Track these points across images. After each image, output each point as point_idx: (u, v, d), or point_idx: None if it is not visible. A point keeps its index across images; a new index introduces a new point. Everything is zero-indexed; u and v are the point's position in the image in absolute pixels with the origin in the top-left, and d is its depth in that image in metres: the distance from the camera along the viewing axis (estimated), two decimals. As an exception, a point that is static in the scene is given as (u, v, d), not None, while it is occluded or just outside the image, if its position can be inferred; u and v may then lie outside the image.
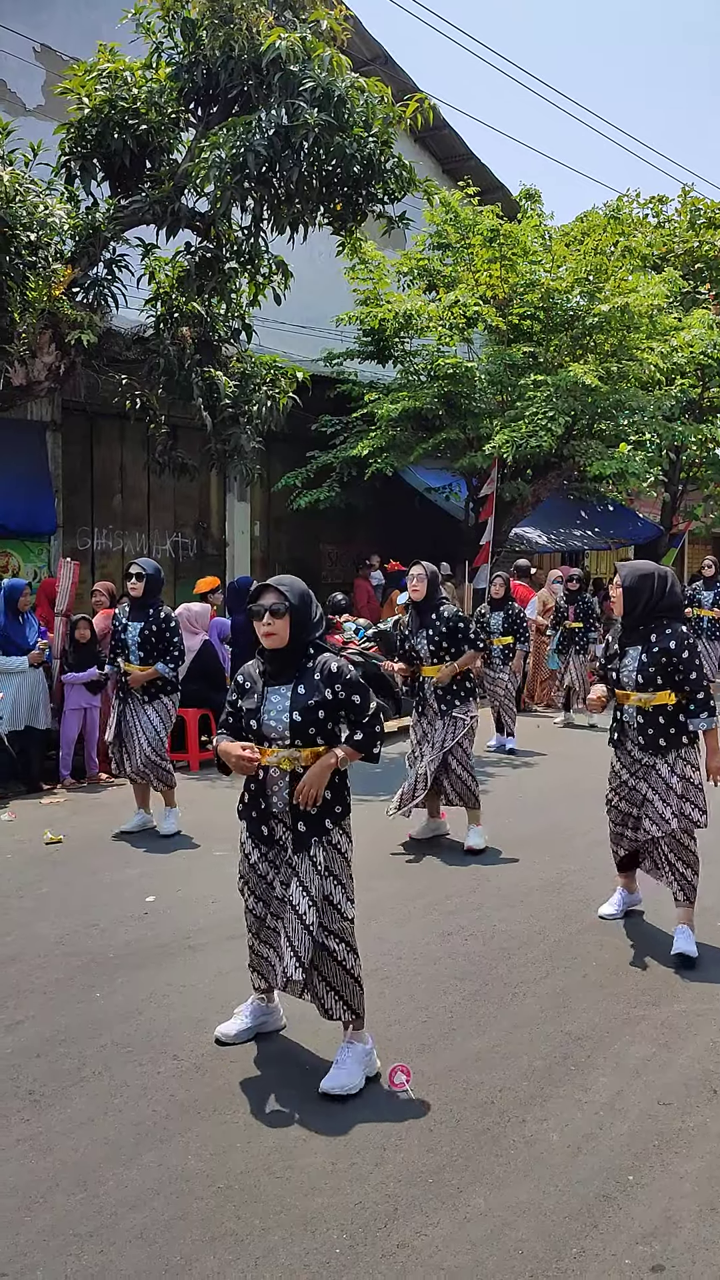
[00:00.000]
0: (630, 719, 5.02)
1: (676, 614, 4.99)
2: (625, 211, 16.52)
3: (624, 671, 5.00)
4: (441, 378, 13.30)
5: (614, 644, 5.12)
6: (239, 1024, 4.07)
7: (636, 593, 4.91)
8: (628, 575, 4.96)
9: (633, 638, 4.98)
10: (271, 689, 3.79)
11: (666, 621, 4.91)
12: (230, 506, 14.58)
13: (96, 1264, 2.80)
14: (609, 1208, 3.05)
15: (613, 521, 19.23)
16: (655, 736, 4.94)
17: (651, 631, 4.92)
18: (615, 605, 5.01)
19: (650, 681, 4.88)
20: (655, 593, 4.90)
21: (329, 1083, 3.66)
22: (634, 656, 4.94)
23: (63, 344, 9.16)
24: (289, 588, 3.76)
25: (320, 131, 8.13)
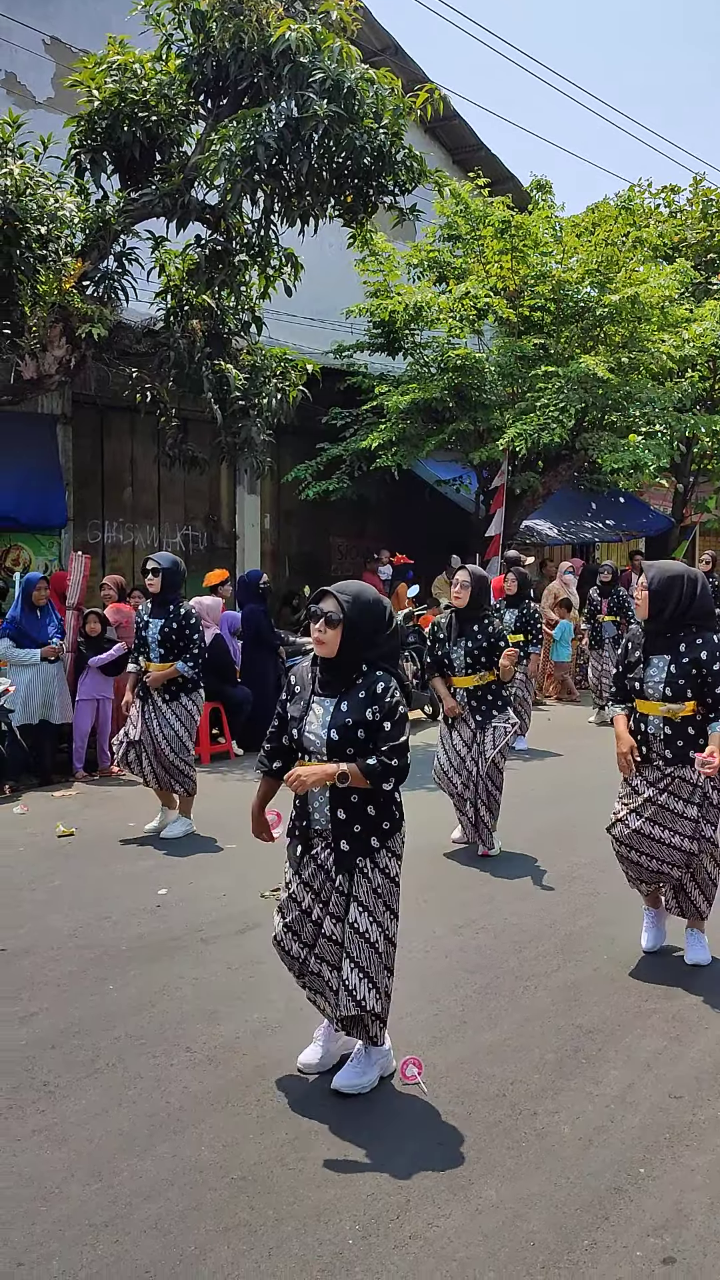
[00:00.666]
0: (656, 730, 4.63)
1: (708, 621, 4.63)
2: (637, 202, 16.45)
3: (649, 682, 4.64)
4: (452, 369, 13.28)
5: (635, 650, 4.74)
6: (315, 1052, 3.86)
7: (664, 597, 4.56)
8: (655, 577, 4.60)
9: (658, 645, 4.63)
10: (318, 699, 3.64)
11: (696, 629, 4.58)
12: (240, 499, 14.60)
13: (111, 1254, 2.82)
14: (620, 1200, 3.07)
15: (624, 513, 19.20)
16: (685, 748, 4.58)
17: (681, 640, 4.58)
18: (640, 608, 4.69)
19: (680, 694, 4.54)
20: (684, 597, 4.55)
21: (341, 1080, 3.66)
22: (660, 666, 4.60)
23: (73, 337, 9.18)
24: (351, 598, 3.56)
25: (330, 123, 8.12)
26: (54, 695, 8.71)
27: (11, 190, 7.91)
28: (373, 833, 3.61)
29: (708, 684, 4.49)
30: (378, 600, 3.66)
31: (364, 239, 10.88)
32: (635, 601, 4.75)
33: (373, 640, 3.60)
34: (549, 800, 8.05)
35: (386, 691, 3.55)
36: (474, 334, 13.95)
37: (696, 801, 4.57)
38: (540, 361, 13.41)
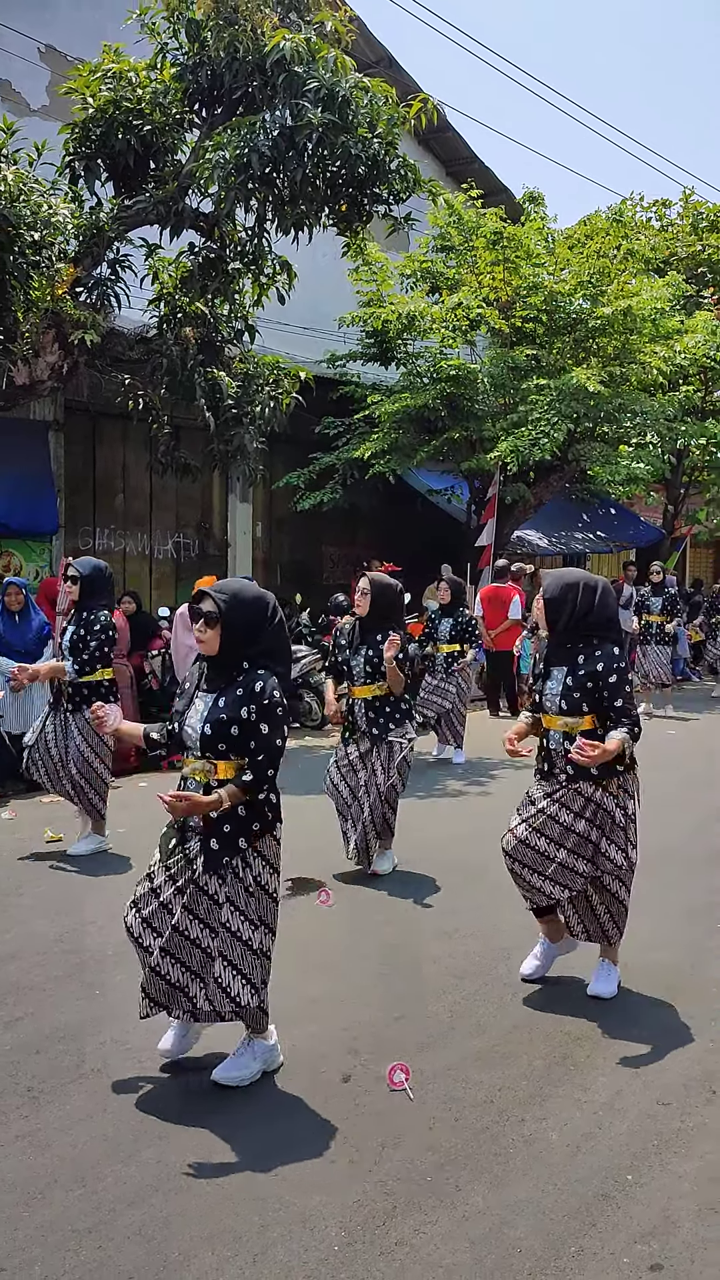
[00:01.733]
0: (557, 745, 4.41)
1: (610, 631, 4.42)
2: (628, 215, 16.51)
3: (547, 694, 4.45)
4: (444, 380, 13.31)
5: (540, 662, 4.57)
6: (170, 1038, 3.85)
7: (559, 606, 4.36)
8: (551, 585, 4.40)
9: (559, 656, 4.43)
10: (200, 695, 3.68)
11: (598, 640, 4.36)
12: (232, 507, 14.59)
13: (95, 1260, 2.79)
14: (608, 1207, 3.05)
15: (615, 525, 19.24)
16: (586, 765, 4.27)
17: (580, 652, 4.37)
18: (539, 618, 4.50)
19: (575, 707, 4.33)
20: (581, 606, 4.33)
21: (221, 1072, 3.67)
22: (558, 678, 4.39)
23: (66, 343, 9.18)
24: (229, 597, 3.60)
25: (324, 132, 8.14)
26: (35, 704, 8.63)
27: (5, 196, 7.91)
28: (242, 832, 3.60)
29: (604, 697, 4.28)
30: (258, 598, 3.67)
31: (358, 248, 10.92)
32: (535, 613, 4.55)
33: (253, 638, 3.62)
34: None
35: (264, 691, 3.54)
36: (466, 344, 14.00)
37: (587, 816, 4.34)
38: (532, 373, 13.46)
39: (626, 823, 4.38)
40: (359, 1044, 4.03)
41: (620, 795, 4.37)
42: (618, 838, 4.36)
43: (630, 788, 4.43)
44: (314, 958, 4.90)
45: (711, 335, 14.69)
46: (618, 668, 4.30)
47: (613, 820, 4.35)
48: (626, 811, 4.38)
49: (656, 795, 8.42)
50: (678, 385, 15.83)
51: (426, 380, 13.84)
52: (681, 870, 6.45)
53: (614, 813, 4.35)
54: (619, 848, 4.36)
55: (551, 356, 13.86)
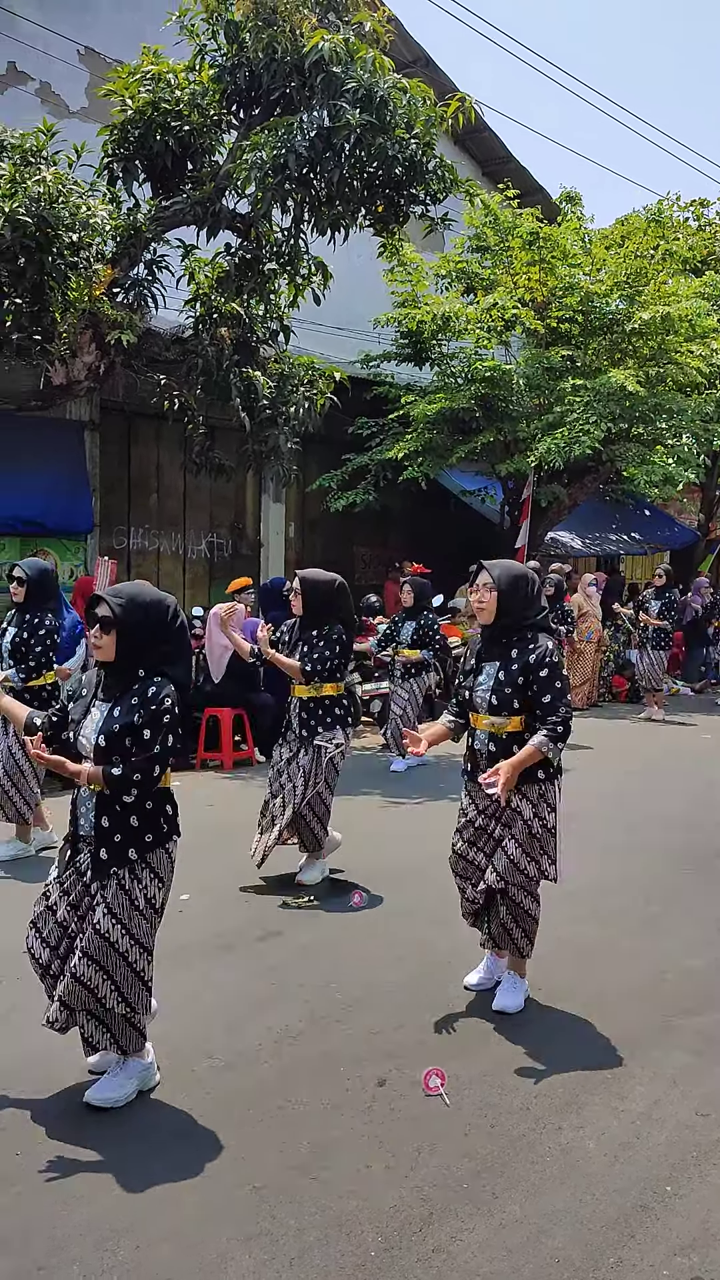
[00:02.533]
0: (482, 746, 4.25)
1: (544, 625, 4.29)
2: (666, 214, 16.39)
3: (477, 690, 4.26)
4: (479, 380, 13.27)
5: (470, 657, 4.38)
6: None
7: (511, 597, 4.18)
8: (503, 577, 4.20)
9: (493, 651, 4.25)
10: (97, 704, 3.52)
11: (531, 634, 4.19)
12: (265, 507, 14.62)
13: (132, 1260, 2.80)
14: (647, 1218, 3.02)
15: (649, 526, 19.12)
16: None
17: (515, 645, 4.19)
18: (484, 610, 4.22)
19: (505, 704, 4.15)
20: (527, 598, 4.22)
21: (94, 1093, 3.52)
22: (490, 674, 4.22)
23: (103, 344, 9.23)
24: (124, 601, 3.42)
25: (362, 132, 8.14)
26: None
27: (44, 198, 7.97)
28: (132, 844, 3.49)
29: (534, 691, 4.11)
30: (157, 602, 3.49)
31: (393, 249, 10.90)
32: (472, 603, 4.29)
33: (151, 644, 3.47)
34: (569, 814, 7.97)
35: (156, 698, 3.41)
36: (501, 345, 13.94)
37: (514, 829, 4.18)
38: (567, 373, 13.39)
39: (545, 835, 4.20)
40: (394, 1048, 4.02)
41: (540, 805, 4.19)
42: (532, 848, 4.19)
43: (551, 799, 4.24)
44: (347, 960, 4.90)
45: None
46: (550, 662, 4.12)
47: (529, 830, 4.18)
48: (545, 823, 4.20)
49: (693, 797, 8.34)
50: (715, 384, 15.69)
51: (461, 381, 13.80)
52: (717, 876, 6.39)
53: (531, 822, 4.17)
54: (531, 858, 4.19)
55: (587, 357, 13.79)
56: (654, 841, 7.11)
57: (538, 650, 4.12)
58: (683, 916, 5.62)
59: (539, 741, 4.03)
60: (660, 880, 6.20)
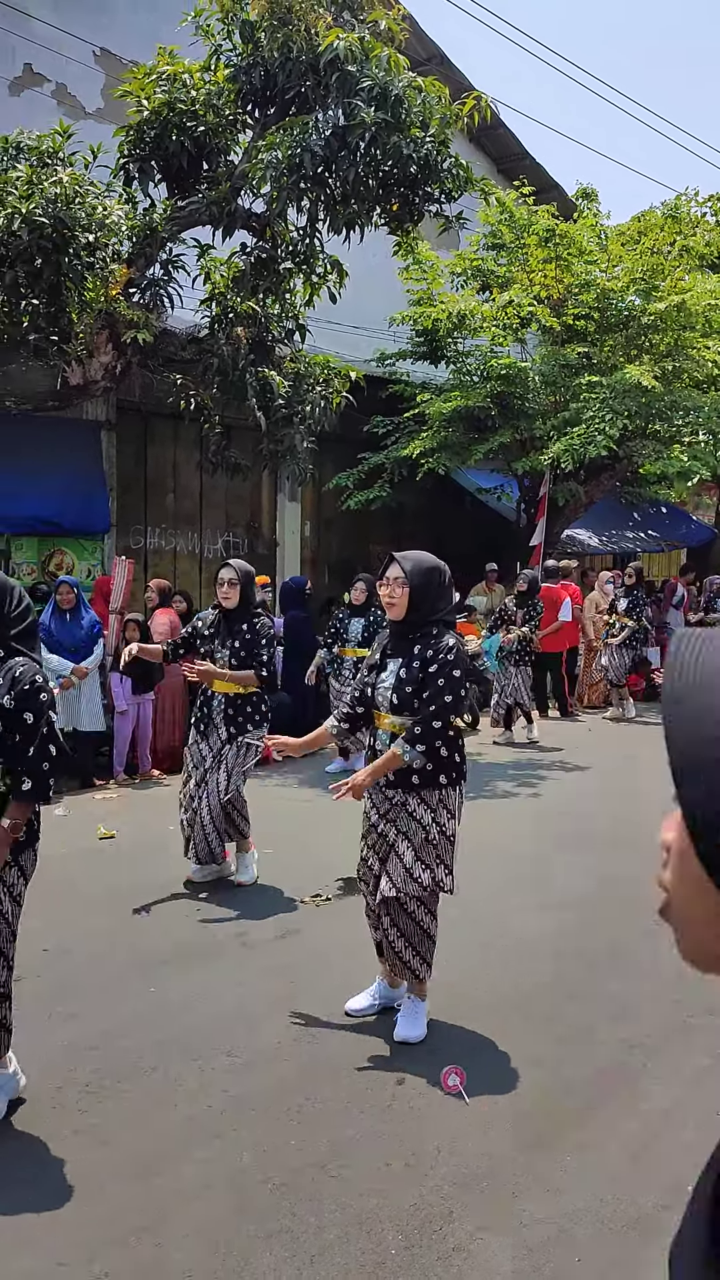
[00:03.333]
0: (383, 747, 4.01)
1: (451, 621, 4.11)
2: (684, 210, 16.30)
3: (379, 688, 4.07)
4: (495, 378, 13.24)
5: (375, 653, 4.17)
6: None
7: (423, 592, 3.99)
8: (414, 570, 3.97)
9: (399, 648, 4.04)
10: None
11: (437, 631, 3.99)
12: (281, 506, 14.63)
13: (153, 1257, 2.81)
14: (668, 1218, 3.01)
15: (666, 524, 19.03)
16: (409, 771, 3.93)
17: (418, 641, 3.99)
18: (395, 605, 3.99)
19: (406, 704, 3.94)
20: (438, 592, 4.03)
21: None
22: (392, 671, 4.02)
23: (119, 344, 9.26)
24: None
25: (377, 131, 8.13)
26: (83, 702, 8.73)
27: (61, 199, 8.00)
28: None
29: (420, 688, 3.89)
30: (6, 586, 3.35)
31: (409, 247, 10.88)
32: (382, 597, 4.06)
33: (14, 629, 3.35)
34: (584, 810, 7.97)
35: (24, 677, 3.26)
36: (517, 343, 13.91)
37: (411, 834, 3.95)
38: (584, 370, 13.34)
39: (443, 843, 3.98)
40: (412, 1047, 4.02)
41: (439, 811, 3.98)
42: (427, 855, 3.95)
43: (452, 805, 4.03)
44: (363, 958, 4.90)
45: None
46: (444, 660, 3.88)
47: (425, 835, 3.95)
48: (444, 830, 3.99)
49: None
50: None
51: (476, 379, 13.77)
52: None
53: (429, 828, 3.95)
54: (426, 866, 3.94)
55: (603, 354, 13.73)
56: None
57: (438, 646, 3.92)
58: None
59: (400, 751, 3.84)
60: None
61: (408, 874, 3.92)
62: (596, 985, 4.64)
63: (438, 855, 3.96)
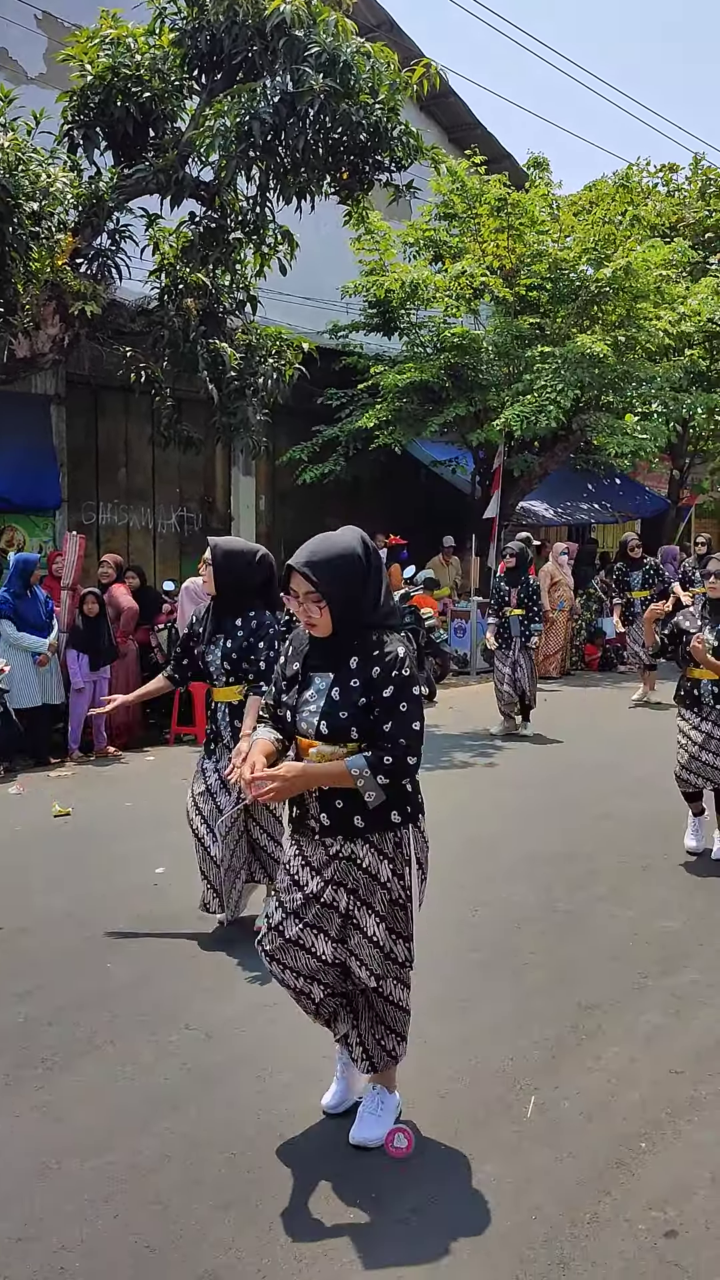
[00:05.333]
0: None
1: (393, 619, 3.14)
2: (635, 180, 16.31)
3: (303, 710, 3.09)
4: (448, 349, 13.21)
5: (292, 661, 3.17)
6: None
7: (348, 594, 3.01)
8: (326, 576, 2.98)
9: (329, 659, 3.06)
10: None
11: (378, 636, 3.03)
12: (235, 480, 14.53)
13: (111, 1229, 2.81)
14: (622, 1174, 3.06)
15: (620, 495, 19.17)
16: (350, 811, 3.01)
17: (354, 654, 3.02)
18: (318, 627, 3.04)
19: (340, 732, 2.99)
20: (363, 585, 3.04)
21: None
22: (320, 688, 3.06)
23: (67, 315, 9.10)
24: None
25: (326, 98, 8.04)
26: (49, 675, 8.70)
27: (4, 165, 7.82)
28: None
29: (375, 716, 2.96)
30: None
31: (360, 217, 10.79)
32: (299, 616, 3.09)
33: None
34: (545, 781, 8.04)
35: None
36: (470, 313, 13.88)
37: (374, 900, 3.05)
38: (536, 341, 13.35)
39: (405, 900, 3.11)
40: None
41: (397, 860, 3.08)
42: (397, 922, 3.12)
43: (408, 850, 3.10)
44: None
45: (716, 297, 14.52)
46: (400, 678, 2.96)
47: (390, 898, 3.08)
48: (404, 884, 3.10)
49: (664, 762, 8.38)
50: (683, 351, 15.70)
51: (430, 350, 13.73)
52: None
53: (390, 884, 3.07)
54: (398, 935, 3.13)
55: (556, 324, 13.75)
56: (625, 808, 7.16)
57: (383, 660, 2.97)
58: (661, 877, 5.67)
59: (356, 763, 2.92)
60: (632, 845, 6.25)
61: (384, 955, 3.09)
62: (552, 951, 4.69)
63: (405, 917, 3.14)
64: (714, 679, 5.75)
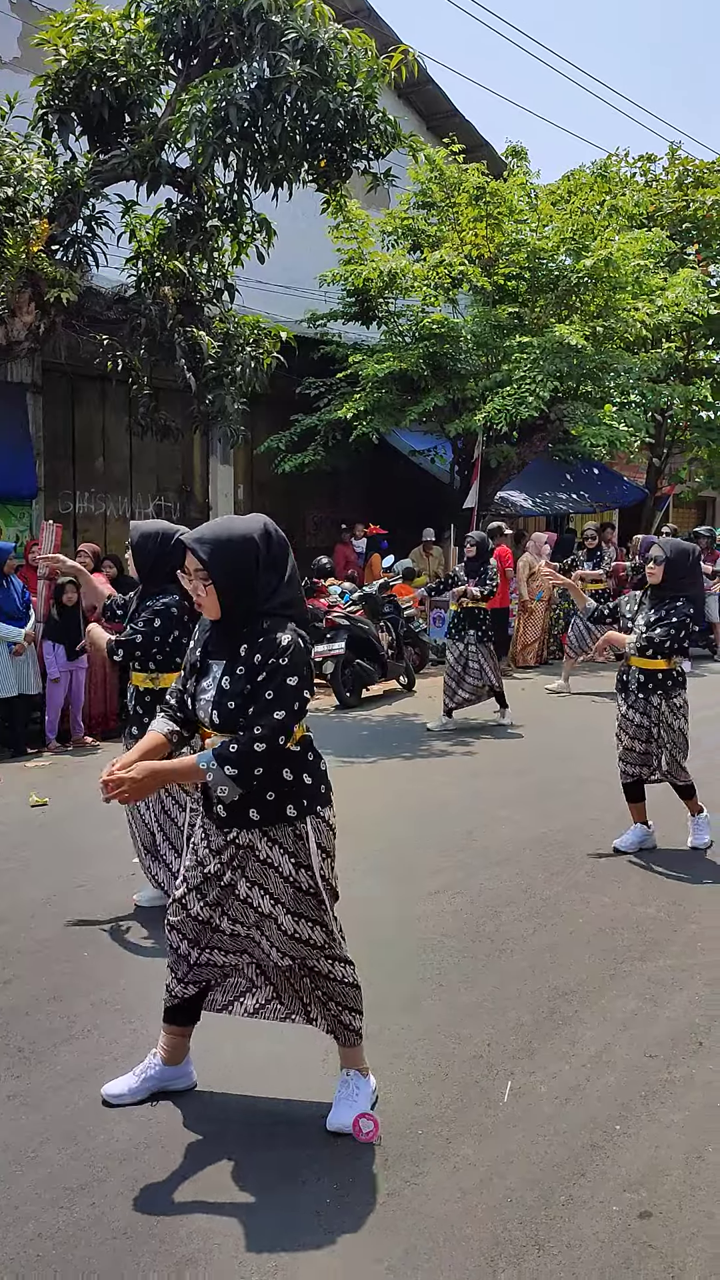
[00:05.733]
0: None
1: (296, 608, 3.04)
2: (613, 170, 16.33)
3: (200, 698, 3.07)
4: (427, 338, 13.19)
5: (195, 650, 3.14)
6: None
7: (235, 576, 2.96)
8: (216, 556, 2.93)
9: (223, 646, 3.03)
10: None
11: (270, 625, 2.94)
12: (213, 470, 14.48)
13: (88, 1216, 2.81)
14: (597, 1156, 3.08)
15: (598, 485, 19.22)
16: (244, 805, 3.00)
17: (244, 640, 2.97)
18: (206, 606, 2.99)
19: (230, 721, 2.94)
20: (254, 572, 2.97)
21: None
22: (214, 676, 3.03)
23: (42, 303, 9.01)
24: None
25: (303, 84, 7.98)
26: (26, 665, 8.67)
27: (-23, 150, 7.75)
28: None
29: (247, 702, 2.91)
30: None
31: (338, 205, 10.74)
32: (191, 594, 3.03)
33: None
34: (521, 768, 8.07)
35: None
36: (448, 302, 13.86)
37: (277, 892, 3.06)
38: (515, 331, 13.35)
39: (316, 887, 3.07)
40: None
41: (300, 852, 3.05)
42: (305, 908, 3.07)
43: (312, 840, 3.05)
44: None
45: (693, 288, 14.56)
46: (276, 665, 2.89)
47: (295, 887, 3.05)
48: (312, 874, 3.06)
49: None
50: (660, 343, 15.74)
51: (409, 339, 13.70)
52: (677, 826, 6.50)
53: (294, 877, 3.05)
54: (313, 921, 3.09)
55: (534, 314, 13.75)
56: (603, 795, 7.20)
57: (267, 647, 2.90)
58: (631, 867, 5.71)
59: (202, 758, 2.86)
60: (610, 832, 6.28)
61: (292, 938, 3.09)
62: (529, 938, 4.71)
63: (317, 904, 3.08)
64: (640, 666, 5.69)
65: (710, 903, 5.15)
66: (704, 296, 15.00)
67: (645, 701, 5.73)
